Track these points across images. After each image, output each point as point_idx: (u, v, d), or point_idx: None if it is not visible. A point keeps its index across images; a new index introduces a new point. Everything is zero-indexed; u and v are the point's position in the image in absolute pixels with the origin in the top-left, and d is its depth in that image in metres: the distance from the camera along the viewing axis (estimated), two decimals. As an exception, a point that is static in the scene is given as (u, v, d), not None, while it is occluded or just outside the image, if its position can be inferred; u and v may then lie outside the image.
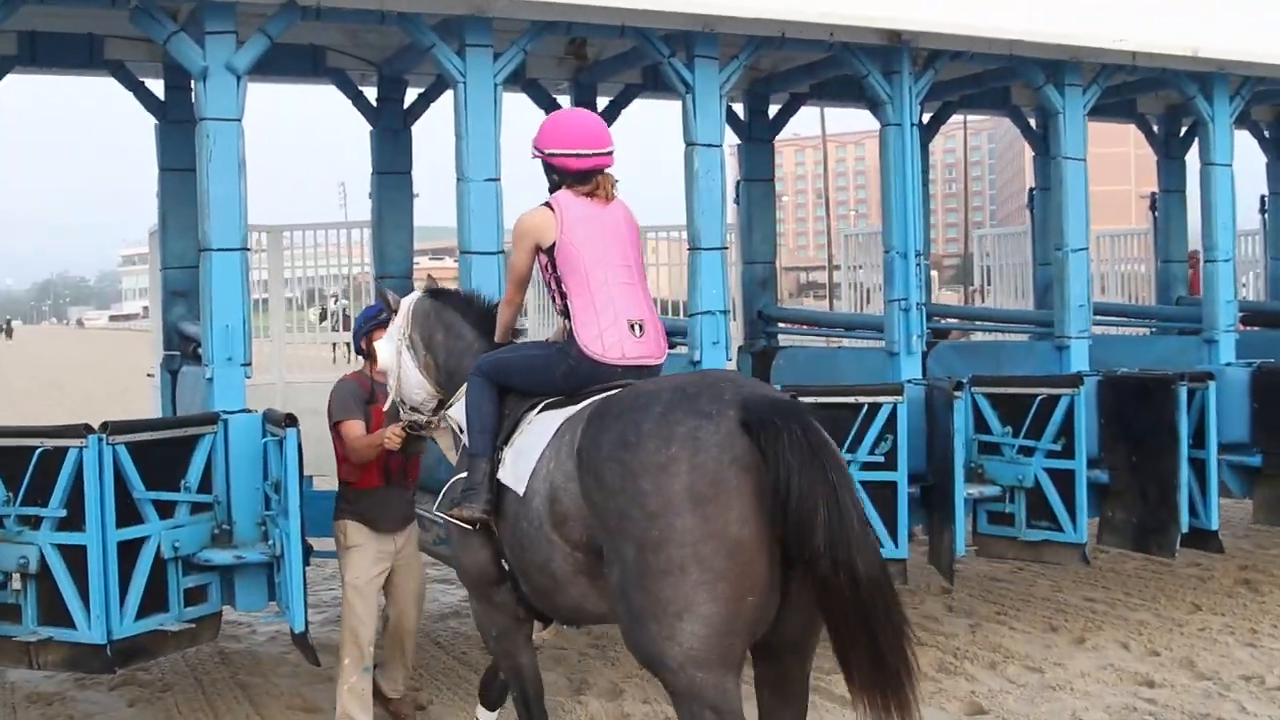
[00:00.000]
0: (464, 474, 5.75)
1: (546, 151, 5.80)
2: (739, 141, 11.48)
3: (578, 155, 5.73)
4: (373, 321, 7.41)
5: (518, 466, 5.36)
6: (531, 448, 5.31)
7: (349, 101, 10.12)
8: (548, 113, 10.67)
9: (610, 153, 5.83)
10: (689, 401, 4.63)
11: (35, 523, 6.58)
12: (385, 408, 6.71)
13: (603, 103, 10.82)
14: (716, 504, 4.44)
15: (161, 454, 6.86)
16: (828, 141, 71.06)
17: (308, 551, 7.11)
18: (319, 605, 10.27)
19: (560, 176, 5.79)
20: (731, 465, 4.46)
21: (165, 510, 6.85)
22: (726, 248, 8.74)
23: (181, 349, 9.30)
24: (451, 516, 5.69)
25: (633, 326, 5.58)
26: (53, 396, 30.73)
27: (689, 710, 4.57)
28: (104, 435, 6.50)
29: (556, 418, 5.33)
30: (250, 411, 7.39)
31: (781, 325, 12.06)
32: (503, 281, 7.57)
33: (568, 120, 6.00)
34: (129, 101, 9.47)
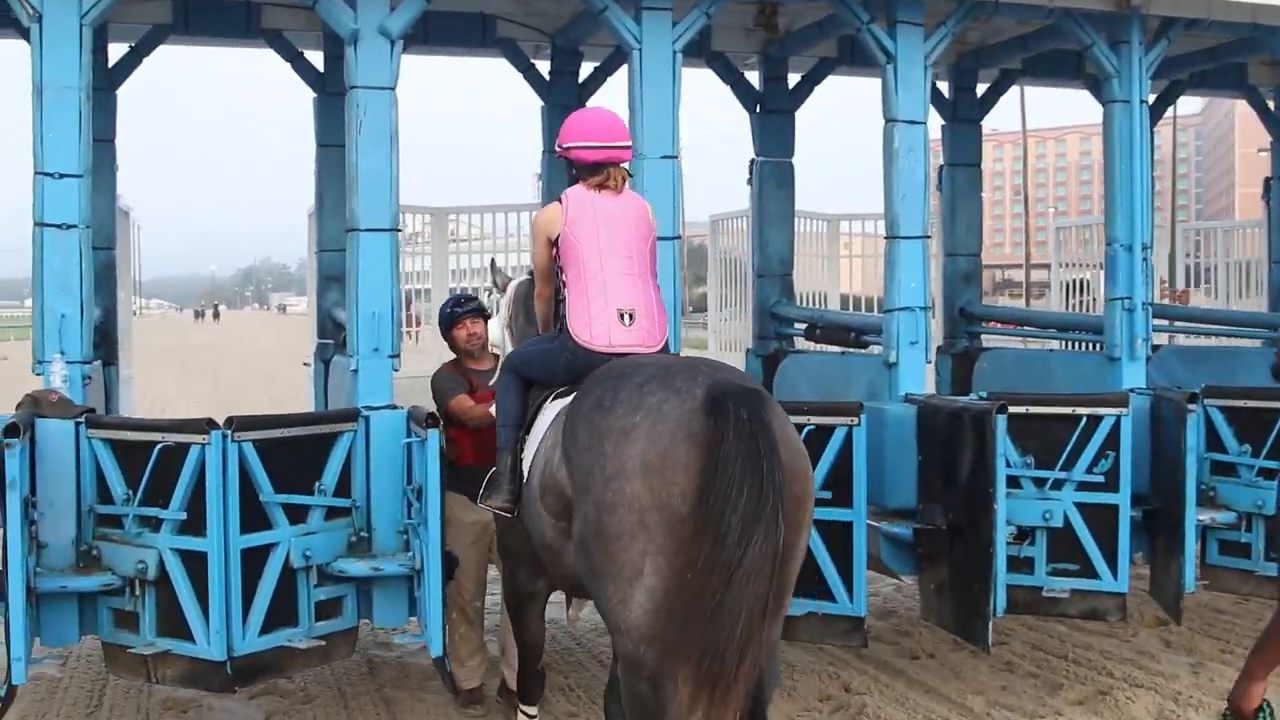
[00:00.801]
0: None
1: (564, 145, 5.97)
2: (942, 123, 10.47)
3: (590, 147, 5.89)
4: (463, 311, 7.38)
5: (528, 453, 5.59)
6: (535, 435, 5.55)
7: (519, 74, 9.41)
8: (734, 89, 9.88)
9: (625, 147, 5.98)
10: (666, 377, 4.77)
11: (155, 525, 6.00)
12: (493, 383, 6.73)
13: (794, 79, 9.97)
14: (662, 475, 4.55)
15: (294, 453, 6.23)
16: (1026, 137, 68.68)
17: (451, 564, 6.42)
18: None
19: (576, 170, 5.96)
20: (684, 441, 4.55)
21: (297, 515, 6.23)
22: (929, 236, 7.81)
23: (334, 337, 8.72)
24: (486, 505, 5.90)
25: (622, 315, 5.67)
26: (261, 387, 31.05)
27: (627, 678, 4.76)
28: (229, 432, 5.88)
29: (559, 406, 5.46)
30: (395, 408, 6.73)
31: (977, 325, 10.93)
32: (678, 268, 7.10)
33: (584, 115, 6.11)
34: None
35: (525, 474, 5.56)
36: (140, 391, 28.97)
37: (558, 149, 6.04)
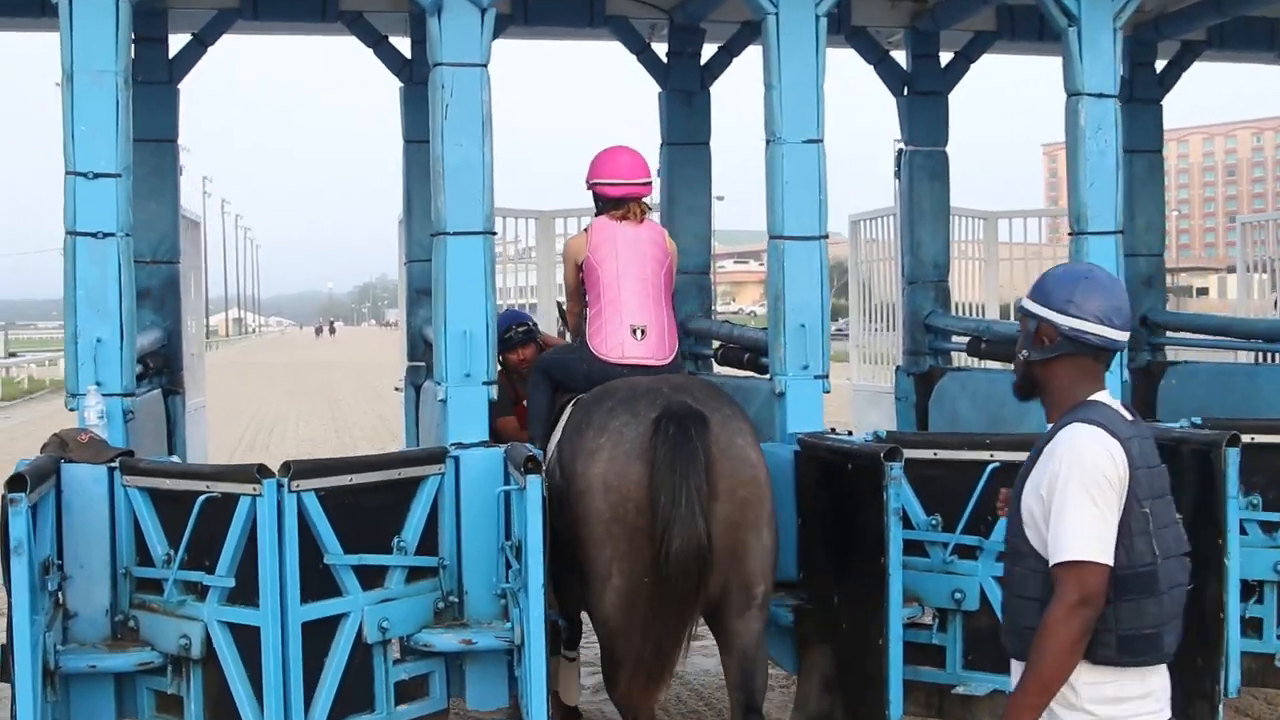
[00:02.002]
0: None
1: (591, 182, 6.53)
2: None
3: (614, 184, 6.44)
4: (519, 338, 7.03)
5: (549, 448, 5.82)
6: (555, 435, 5.86)
7: (633, 57, 8.26)
8: (877, 68, 8.66)
9: (645, 184, 6.52)
10: (633, 402, 5.35)
11: (201, 592, 4.95)
12: None
13: (946, 57, 8.69)
14: (619, 492, 5.16)
15: (367, 503, 5.17)
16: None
17: (556, 636, 5.31)
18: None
19: (602, 203, 6.48)
20: (637, 459, 5.13)
21: (371, 578, 5.16)
22: (1121, 231, 6.55)
23: (426, 359, 7.62)
24: None
25: (634, 330, 6.20)
26: (369, 404, 30.42)
27: (603, 663, 5.45)
28: (285, 480, 4.80)
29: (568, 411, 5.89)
30: (491, 445, 5.62)
31: (1161, 336, 9.45)
32: (825, 271, 6.29)
33: (610, 153, 6.54)
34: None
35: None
36: (251, 411, 29.06)
37: (586, 184, 6.51)
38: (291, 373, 48.84)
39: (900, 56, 8.72)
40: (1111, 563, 3.14)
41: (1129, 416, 3.32)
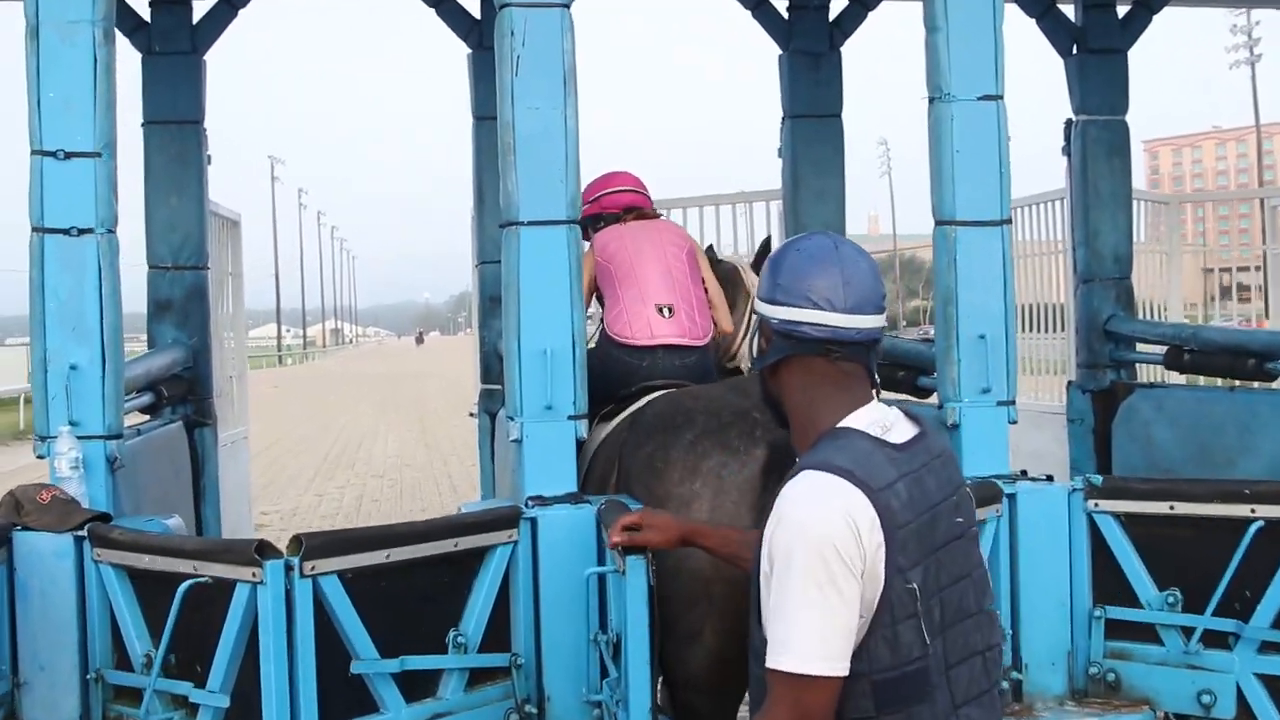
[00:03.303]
0: None
1: (595, 196, 5.66)
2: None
3: (619, 191, 5.71)
4: None
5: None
6: (584, 459, 4.84)
7: (747, 13, 6.86)
8: (1040, 22, 7.22)
9: (645, 195, 5.78)
10: (720, 432, 4.33)
11: (191, 710, 3.65)
12: None
13: (1123, 9, 7.22)
14: None
15: (414, 585, 3.84)
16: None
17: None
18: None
19: (605, 220, 5.64)
20: (749, 511, 4.16)
21: (419, 685, 3.83)
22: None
23: (502, 381, 6.27)
24: None
25: (660, 309, 5.31)
26: (468, 423, 29.40)
27: None
28: (296, 560, 3.48)
29: (606, 430, 4.93)
30: (581, 502, 4.28)
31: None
32: (1008, 261, 4.90)
33: (606, 175, 5.82)
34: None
35: None
36: (340, 425, 28.10)
37: (585, 207, 5.40)
38: (384, 383, 48.11)
39: (1068, 9, 7.25)
40: (842, 672, 2.30)
41: (902, 437, 2.45)
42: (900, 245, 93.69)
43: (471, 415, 7.37)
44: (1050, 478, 4.64)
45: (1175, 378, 7.06)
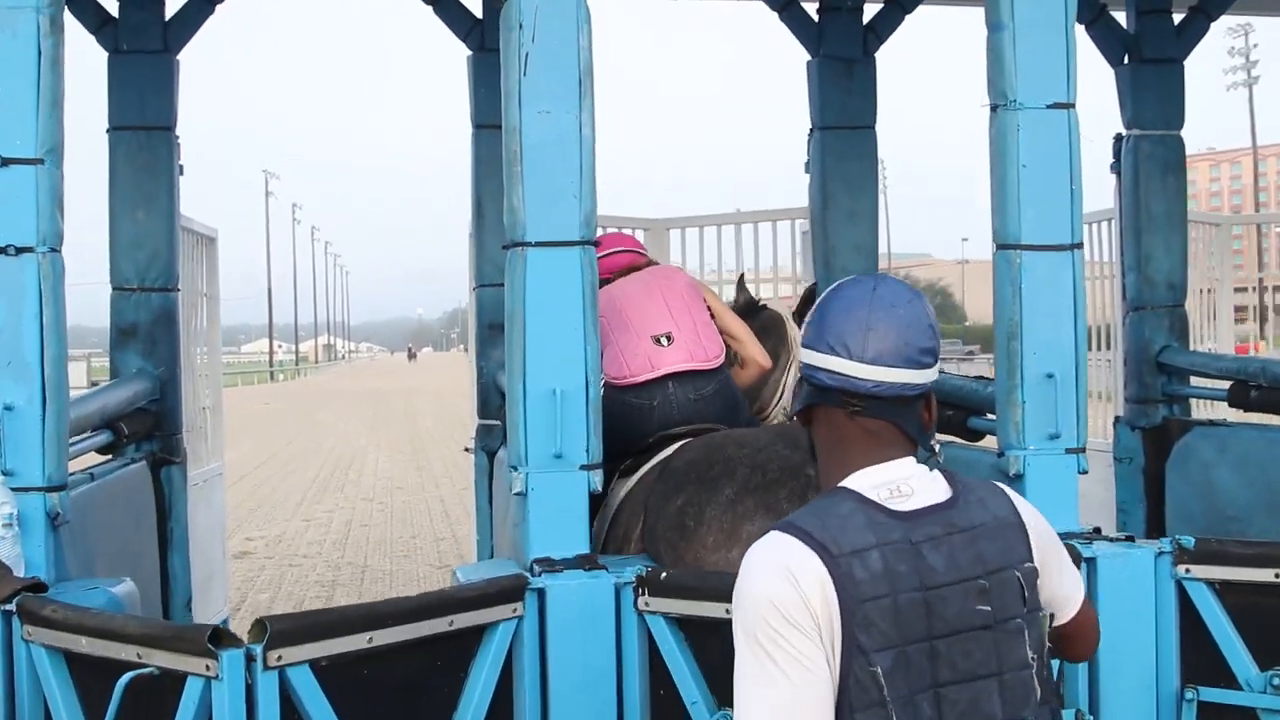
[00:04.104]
0: None
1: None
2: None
3: (617, 252, 5.21)
4: None
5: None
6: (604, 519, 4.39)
7: (774, 15, 6.29)
8: (1089, 29, 6.66)
9: (641, 253, 5.36)
10: (766, 490, 3.76)
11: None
12: None
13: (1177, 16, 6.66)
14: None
15: (399, 673, 3.23)
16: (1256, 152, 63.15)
17: None
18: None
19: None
20: None
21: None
22: None
23: (502, 417, 5.68)
24: None
25: (658, 339, 4.75)
26: (460, 442, 28.80)
27: None
28: (259, 649, 2.88)
29: (625, 487, 4.39)
30: (596, 567, 3.69)
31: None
32: (1079, 285, 4.31)
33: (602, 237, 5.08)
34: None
35: None
36: (330, 444, 27.48)
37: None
38: (375, 400, 47.53)
39: (1120, 16, 6.69)
40: None
41: (917, 503, 2.10)
42: (895, 264, 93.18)
43: (467, 450, 6.78)
44: (1131, 538, 4.05)
45: (1220, 410, 6.48)
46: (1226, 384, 6.15)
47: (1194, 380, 6.48)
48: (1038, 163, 4.19)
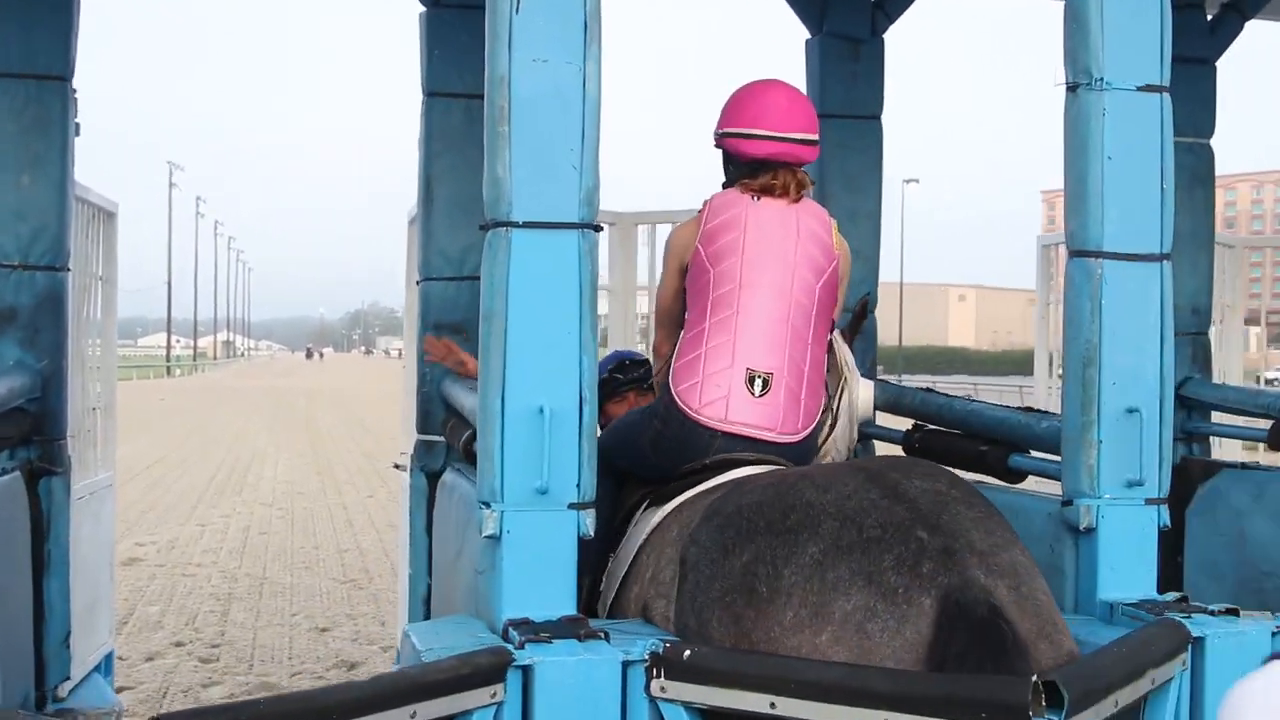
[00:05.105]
0: None
1: (722, 131, 4.07)
2: None
3: (754, 136, 3.97)
4: (627, 382, 4.73)
5: (608, 587, 3.67)
6: (622, 561, 3.65)
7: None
8: None
9: (811, 141, 4.02)
10: (865, 553, 2.83)
11: None
12: None
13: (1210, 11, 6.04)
14: None
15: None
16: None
17: None
18: None
19: (734, 168, 4.05)
20: None
21: None
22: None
23: (448, 434, 4.83)
24: None
25: (752, 379, 3.75)
26: (360, 445, 27.83)
27: None
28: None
29: (656, 519, 3.62)
30: (589, 638, 2.89)
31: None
32: (1167, 299, 3.62)
33: (757, 92, 4.06)
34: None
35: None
36: (228, 444, 26.37)
37: (715, 138, 4.13)
38: (275, 399, 46.37)
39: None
40: None
41: None
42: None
43: (398, 467, 5.93)
44: (1235, 610, 3.33)
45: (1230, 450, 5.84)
46: (1263, 422, 5.51)
47: (1218, 417, 5.83)
48: (1126, 155, 3.50)
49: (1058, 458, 4.00)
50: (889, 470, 3.08)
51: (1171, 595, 3.48)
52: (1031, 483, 4.31)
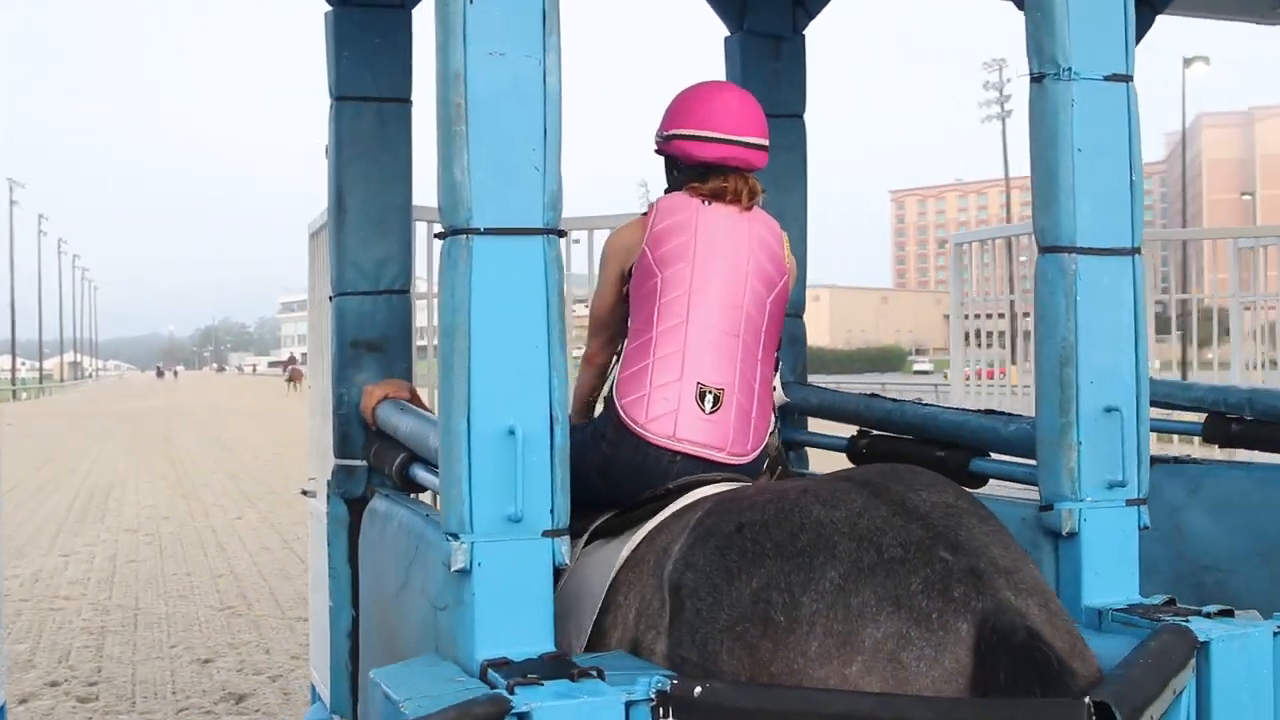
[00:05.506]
0: None
1: (669, 133, 3.86)
2: None
3: (703, 139, 3.80)
4: None
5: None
6: (582, 598, 3.24)
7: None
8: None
9: (759, 146, 3.83)
10: (889, 575, 2.62)
11: None
12: None
13: None
14: None
15: None
16: (1009, 183, 65.38)
17: None
18: None
19: (679, 172, 3.87)
20: None
21: None
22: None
23: (373, 458, 4.53)
24: None
25: (703, 394, 3.55)
26: (223, 466, 27.04)
27: None
28: None
29: (608, 559, 3.29)
30: (581, 677, 2.67)
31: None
32: (1140, 294, 3.51)
33: (705, 94, 3.88)
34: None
35: None
36: (85, 469, 25.44)
37: (657, 140, 3.92)
38: (129, 422, 45.06)
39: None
40: None
41: None
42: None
43: (306, 494, 5.62)
44: (1230, 611, 3.23)
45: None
46: (1193, 416, 5.47)
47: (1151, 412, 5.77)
48: (1095, 147, 3.40)
49: (1024, 461, 3.90)
50: (890, 482, 2.90)
51: (1158, 598, 3.38)
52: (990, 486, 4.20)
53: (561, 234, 2.99)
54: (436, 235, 2.98)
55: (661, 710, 2.47)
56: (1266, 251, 9.28)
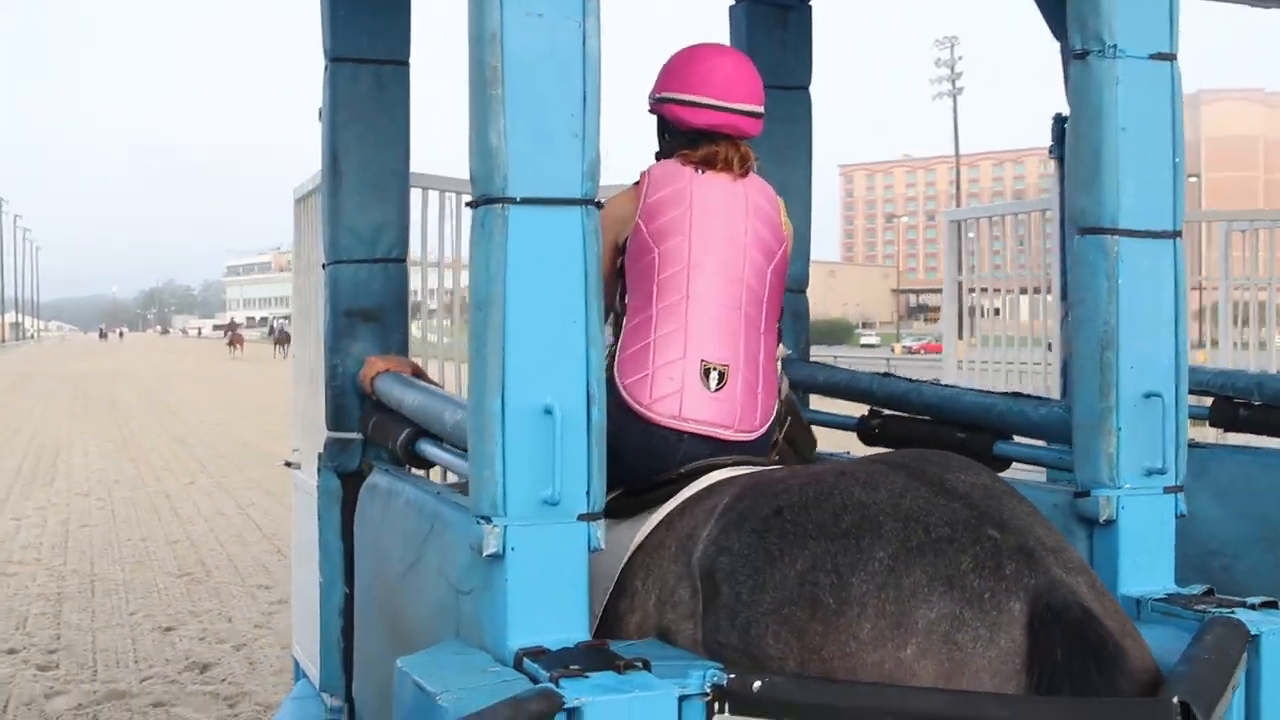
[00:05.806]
0: None
1: (660, 96, 3.72)
2: None
3: (696, 104, 3.64)
4: None
5: None
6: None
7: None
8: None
9: (752, 114, 3.67)
10: (938, 555, 2.55)
11: None
12: None
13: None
14: None
15: None
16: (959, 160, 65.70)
17: None
18: None
19: (670, 136, 3.72)
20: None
21: None
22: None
23: (372, 432, 4.38)
24: None
25: (707, 372, 3.42)
26: (169, 429, 26.67)
27: None
28: None
29: (624, 538, 3.14)
30: (628, 669, 2.55)
31: None
32: (1182, 278, 3.41)
33: (698, 56, 3.72)
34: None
35: None
36: (29, 432, 25.02)
37: (650, 102, 3.78)
38: (73, 384, 44.43)
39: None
40: None
41: None
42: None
43: (290, 465, 5.46)
44: (1274, 603, 3.16)
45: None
46: (1202, 400, 5.42)
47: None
48: (1140, 127, 3.30)
49: (1050, 445, 3.82)
50: (925, 464, 2.82)
51: (1196, 588, 3.31)
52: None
53: (599, 205, 2.86)
54: (468, 204, 2.84)
55: (718, 705, 2.36)
56: (1210, 229, 9.27)
